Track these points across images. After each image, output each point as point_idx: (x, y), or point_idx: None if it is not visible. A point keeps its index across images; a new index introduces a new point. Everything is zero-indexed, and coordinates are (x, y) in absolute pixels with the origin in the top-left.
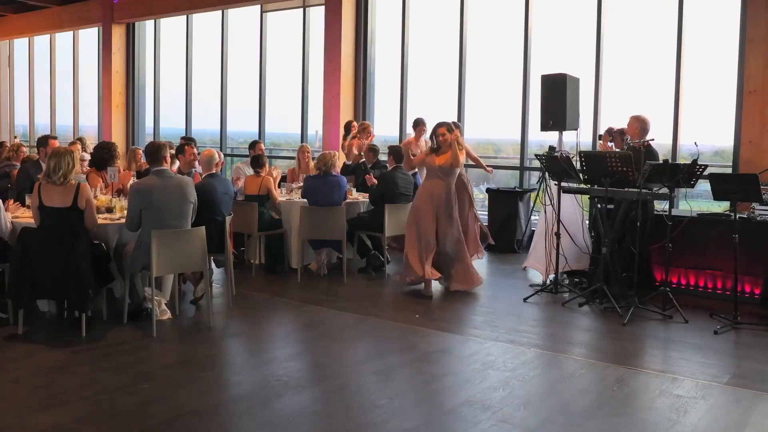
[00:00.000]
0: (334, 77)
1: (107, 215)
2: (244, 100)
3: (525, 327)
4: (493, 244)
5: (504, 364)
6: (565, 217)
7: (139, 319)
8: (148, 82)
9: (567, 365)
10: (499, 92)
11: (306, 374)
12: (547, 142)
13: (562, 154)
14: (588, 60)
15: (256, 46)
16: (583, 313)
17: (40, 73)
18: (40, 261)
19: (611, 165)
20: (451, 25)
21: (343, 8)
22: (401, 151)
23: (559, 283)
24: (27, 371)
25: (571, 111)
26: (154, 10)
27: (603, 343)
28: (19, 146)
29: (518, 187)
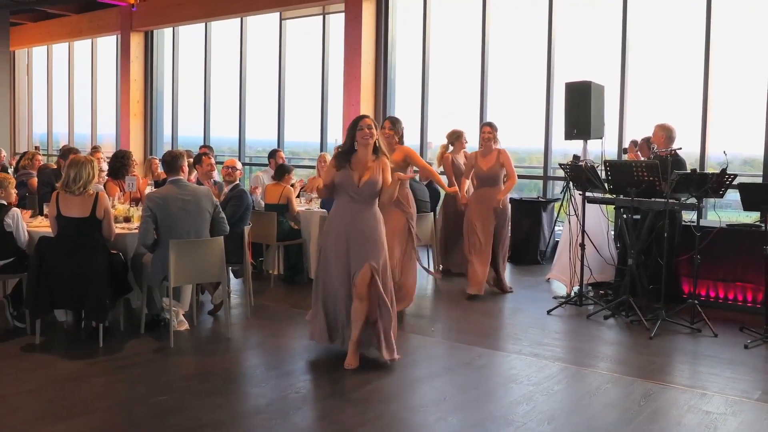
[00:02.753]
0: (354, 85)
1: (125, 225)
2: (262, 109)
3: (549, 340)
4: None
5: (527, 378)
6: (589, 227)
7: (156, 329)
8: (166, 90)
9: (592, 379)
10: (522, 100)
11: (325, 387)
12: (571, 151)
13: (587, 164)
14: (613, 67)
15: (275, 54)
16: (609, 326)
17: (58, 82)
18: (57, 271)
19: (637, 174)
20: (473, 32)
21: (363, 15)
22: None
23: (584, 296)
24: (43, 381)
25: (596, 119)
26: (172, 18)
27: (629, 356)
28: (34, 155)
29: (541, 197)
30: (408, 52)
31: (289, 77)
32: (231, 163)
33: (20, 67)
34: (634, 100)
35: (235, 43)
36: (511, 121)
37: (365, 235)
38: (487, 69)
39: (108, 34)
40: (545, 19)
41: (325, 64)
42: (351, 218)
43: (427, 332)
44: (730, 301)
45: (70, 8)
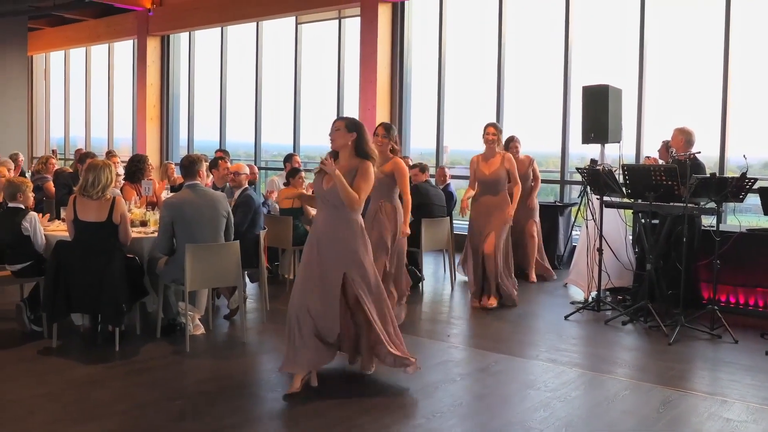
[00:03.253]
0: (370, 89)
1: (141, 229)
2: (278, 113)
3: (566, 346)
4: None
5: (545, 384)
6: (607, 232)
7: (172, 334)
8: (182, 95)
9: (610, 386)
10: (539, 103)
11: (343, 391)
12: (588, 155)
13: (605, 168)
14: (631, 70)
15: (290, 58)
16: (627, 331)
17: (75, 86)
18: (74, 275)
19: (656, 178)
20: (489, 36)
21: (379, 19)
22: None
23: (602, 301)
24: (60, 385)
25: (614, 123)
26: (188, 23)
27: (648, 363)
28: (48, 159)
29: (559, 202)
30: (424, 55)
31: (305, 81)
32: (236, 168)
33: (38, 71)
34: (653, 103)
35: (251, 48)
36: (528, 125)
37: (333, 242)
38: (503, 72)
39: (125, 38)
40: (562, 22)
41: (341, 68)
42: (321, 224)
43: (443, 337)
44: (751, 306)
45: (87, 13)
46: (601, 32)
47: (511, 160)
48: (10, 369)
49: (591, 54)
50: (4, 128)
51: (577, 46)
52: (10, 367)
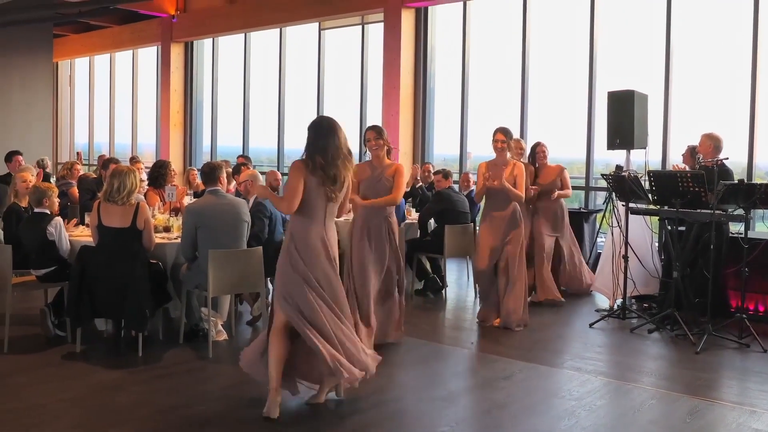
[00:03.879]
0: (393, 95)
1: (165, 234)
2: (301, 119)
3: (591, 354)
4: None
5: (569, 393)
6: (633, 239)
7: (195, 339)
8: (205, 101)
9: (636, 395)
10: (564, 109)
11: (366, 398)
12: (613, 161)
13: (630, 174)
14: (657, 75)
15: (314, 64)
16: (653, 340)
17: (99, 93)
18: (98, 280)
19: (682, 185)
20: (514, 41)
21: (403, 25)
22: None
23: (628, 309)
24: (83, 390)
25: (639, 129)
26: (212, 29)
27: (674, 372)
28: (73, 164)
29: (583, 208)
30: (447, 61)
31: (328, 87)
32: (245, 177)
33: (63, 78)
34: (679, 108)
35: (274, 54)
36: (553, 131)
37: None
38: (527, 77)
39: (149, 45)
40: (587, 27)
41: (364, 73)
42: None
43: (467, 345)
44: None
45: (111, 20)
46: (626, 37)
47: (521, 169)
48: (34, 374)
49: (616, 59)
50: (30, 134)
51: (602, 50)
52: (34, 372)
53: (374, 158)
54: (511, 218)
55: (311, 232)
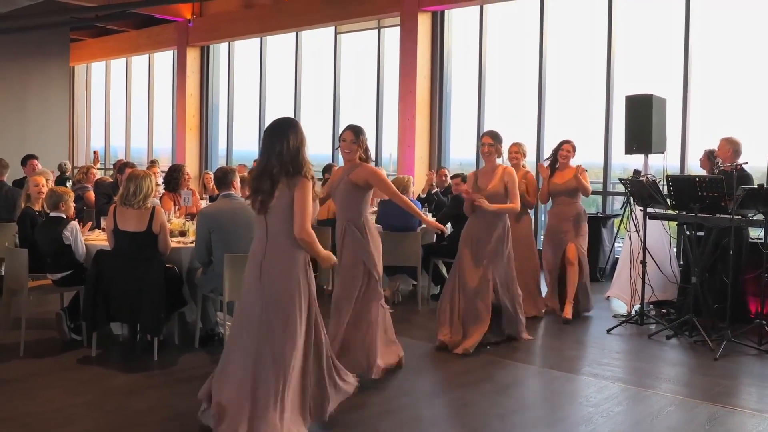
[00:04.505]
0: (410, 99)
1: (180, 239)
2: (317, 123)
3: (609, 360)
4: None
5: (587, 399)
6: (651, 244)
7: (210, 344)
8: (221, 105)
9: (654, 401)
10: (581, 113)
11: (380, 405)
12: (631, 166)
13: (648, 178)
14: (675, 79)
15: (330, 69)
16: (672, 346)
17: (116, 96)
18: (113, 284)
19: (701, 190)
20: (530, 44)
21: (419, 29)
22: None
23: (645, 314)
24: (99, 394)
25: (658, 133)
26: (228, 33)
27: (693, 378)
28: (89, 169)
29: (601, 213)
30: (464, 64)
31: (344, 91)
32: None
33: (79, 82)
34: (698, 112)
35: (290, 58)
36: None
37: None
38: (544, 81)
39: (165, 49)
40: (604, 30)
41: (381, 77)
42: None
43: (483, 350)
44: None
45: (128, 24)
46: (644, 40)
47: (511, 174)
48: (49, 377)
49: (634, 62)
50: (46, 138)
51: (620, 54)
52: (49, 376)
53: (345, 163)
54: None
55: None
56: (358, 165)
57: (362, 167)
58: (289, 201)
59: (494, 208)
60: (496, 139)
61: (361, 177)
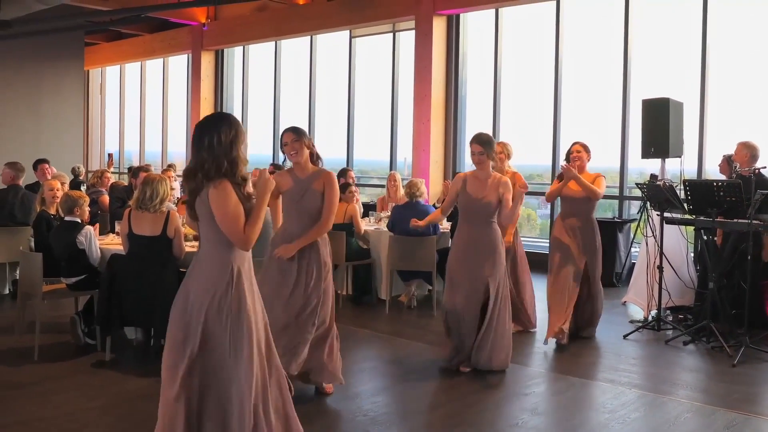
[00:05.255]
0: (425, 103)
1: (195, 243)
2: (332, 127)
3: (625, 366)
4: None
5: (603, 405)
6: (668, 249)
7: None
8: (236, 109)
9: (671, 408)
10: (597, 117)
11: (394, 410)
12: (648, 170)
13: (665, 183)
14: (692, 82)
15: (344, 72)
16: (689, 352)
17: (130, 100)
18: (128, 288)
19: (719, 194)
20: (546, 48)
21: (434, 33)
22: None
23: (662, 320)
24: (113, 398)
25: (675, 137)
26: (243, 37)
27: (711, 385)
28: (103, 173)
29: (617, 217)
30: (479, 68)
31: (359, 95)
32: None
33: (94, 85)
34: (715, 116)
35: (304, 62)
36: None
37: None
38: (560, 85)
39: (179, 53)
40: (621, 33)
41: (395, 81)
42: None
43: None
44: None
45: (143, 28)
46: (661, 43)
47: (507, 184)
48: (64, 382)
49: (651, 66)
50: (61, 141)
51: (637, 58)
52: (64, 380)
53: (295, 166)
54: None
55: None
56: (318, 170)
57: (323, 173)
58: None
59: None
60: (486, 145)
61: (321, 185)
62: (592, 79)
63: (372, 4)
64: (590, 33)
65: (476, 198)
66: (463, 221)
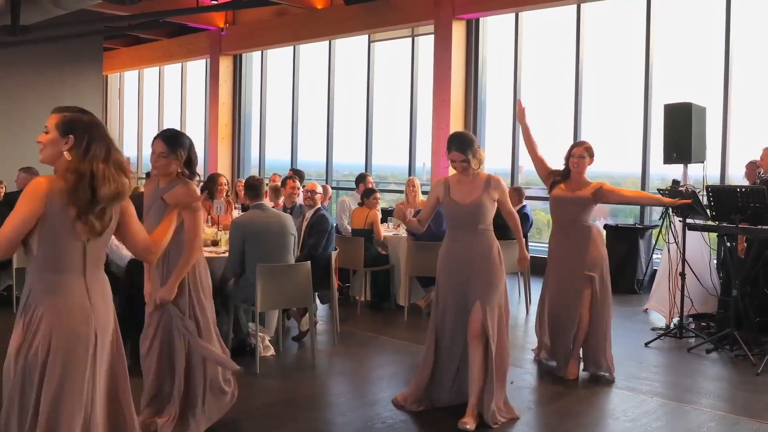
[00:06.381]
0: (444, 108)
1: (212, 248)
2: (350, 132)
3: (647, 374)
4: None
5: (624, 414)
6: (690, 255)
7: (242, 354)
8: (254, 114)
9: (694, 417)
10: (618, 122)
11: (413, 417)
12: (669, 176)
13: (688, 189)
14: (715, 87)
15: (363, 77)
16: (711, 360)
17: (148, 105)
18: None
19: (742, 200)
20: (567, 52)
21: (453, 37)
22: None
23: (684, 327)
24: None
25: (697, 142)
26: (261, 42)
27: (734, 394)
28: None
29: (638, 224)
30: (499, 73)
31: (378, 100)
32: (311, 187)
33: (112, 90)
34: (738, 121)
35: (323, 66)
36: (607, 144)
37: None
38: (581, 90)
39: (197, 58)
40: (642, 37)
41: (414, 86)
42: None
43: (520, 363)
44: None
45: (161, 33)
46: (683, 47)
47: (499, 184)
48: None
49: (673, 70)
50: None
51: (659, 62)
52: None
53: (161, 178)
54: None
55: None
56: (178, 182)
57: (184, 186)
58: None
59: (525, 262)
60: (464, 148)
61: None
62: (613, 83)
63: (391, 9)
64: (611, 36)
65: (464, 204)
66: (453, 232)
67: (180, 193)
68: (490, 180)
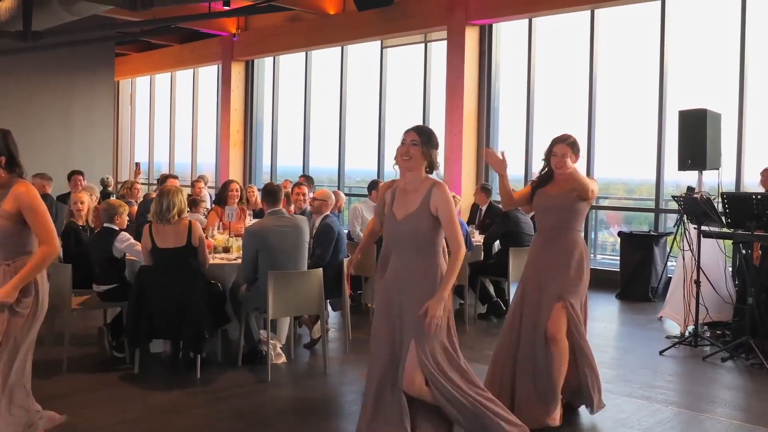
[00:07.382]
0: (456, 114)
1: (224, 255)
2: (362, 138)
3: (661, 382)
4: None
5: (638, 423)
6: (705, 263)
7: (253, 362)
8: (266, 120)
9: (709, 426)
10: (633, 128)
11: None
12: (684, 183)
13: (703, 196)
14: (731, 93)
15: (375, 83)
16: (727, 369)
17: (160, 111)
18: (156, 301)
19: (758, 207)
20: (581, 58)
21: (466, 43)
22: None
23: (700, 336)
24: (141, 412)
25: (712, 149)
26: (273, 48)
27: (750, 402)
28: (133, 184)
29: (653, 231)
30: (513, 79)
31: (390, 106)
32: (319, 195)
33: (124, 96)
34: (754, 128)
35: (335, 72)
36: (622, 151)
37: None
38: (595, 96)
39: (209, 63)
40: (657, 43)
41: (427, 92)
42: None
43: None
44: None
45: (173, 39)
46: (698, 53)
47: (443, 191)
48: (92, 394)
49: (688, 77)
50: (91, 152)
51: (673, 68)
52: (92, 393)
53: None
54: (425, 270)
55: None
56: (14, 184)
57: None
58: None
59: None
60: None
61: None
62: (627, 89)
63: (404, 15)
64: (625, 42)
65: (400, 219)
66: (391, 249)
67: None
68: (435, 187)
